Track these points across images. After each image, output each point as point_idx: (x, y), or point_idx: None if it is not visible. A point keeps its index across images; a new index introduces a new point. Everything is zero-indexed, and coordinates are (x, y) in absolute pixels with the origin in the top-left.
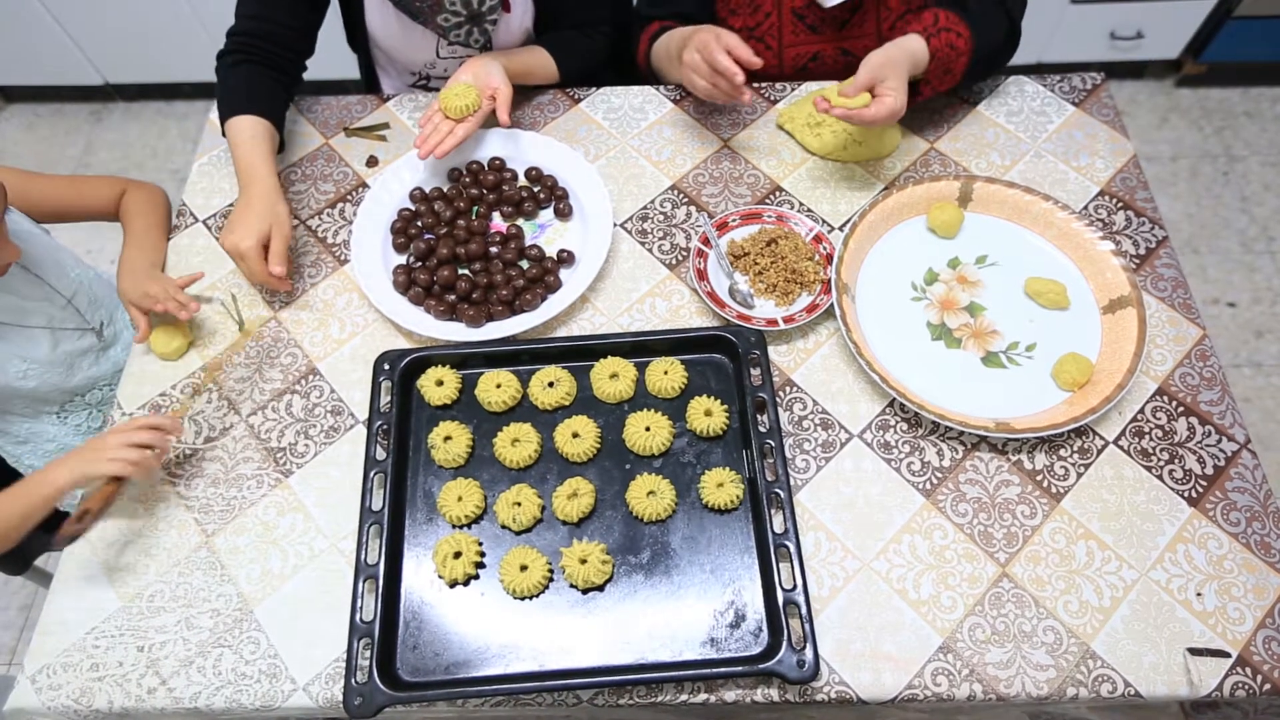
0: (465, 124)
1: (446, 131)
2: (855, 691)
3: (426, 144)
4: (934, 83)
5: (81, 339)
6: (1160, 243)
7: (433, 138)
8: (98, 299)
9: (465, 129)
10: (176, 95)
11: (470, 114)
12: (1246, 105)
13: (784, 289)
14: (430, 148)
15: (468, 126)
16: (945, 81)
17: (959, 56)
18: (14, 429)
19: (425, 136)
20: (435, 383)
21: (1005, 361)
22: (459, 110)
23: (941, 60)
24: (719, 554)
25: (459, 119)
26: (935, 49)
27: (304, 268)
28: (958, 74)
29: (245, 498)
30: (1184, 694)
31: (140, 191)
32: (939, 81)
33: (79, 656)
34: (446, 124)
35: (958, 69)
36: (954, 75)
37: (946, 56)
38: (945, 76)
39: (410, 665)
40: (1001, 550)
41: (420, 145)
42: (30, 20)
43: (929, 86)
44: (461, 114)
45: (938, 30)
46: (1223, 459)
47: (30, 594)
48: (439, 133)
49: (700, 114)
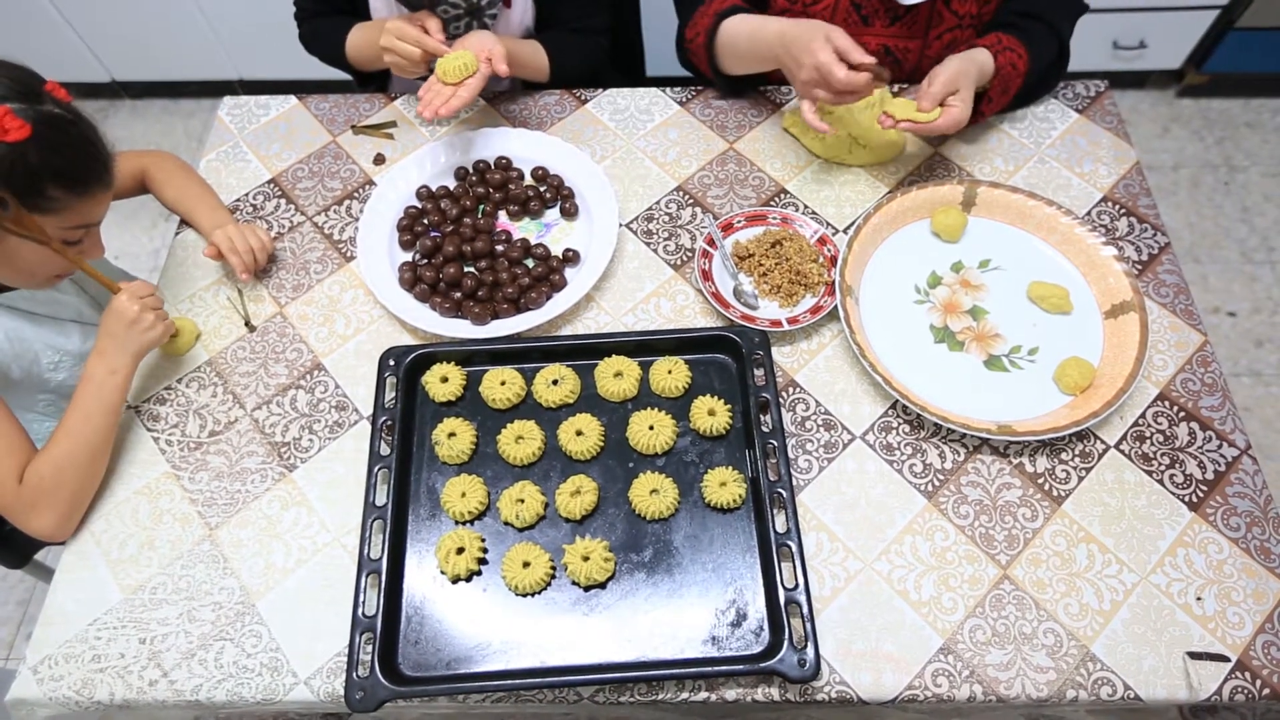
0: (465, 85)
1: (449, 94)
2: (856, 691)
3: (430, 106)
4: (995, 101)
5: None
6: (1162, 249)
7: (435, 100)
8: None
9: (467, 90)
10: (183, 93)
11: (469, 75)
12: (1248, 116)
13: (788, 290)
14: (434, 109)
15: (469, 87)
16: (1001, 101)
17: (1017, 77)
18: (34, 428)
19: (428, 100)
20: (440, 379)
21: (1008, 365)
22: (457, 72)
23: (1003, 78)
24: (721, 553)
25: (457, 82)
26: (1000, 66)
27: (310, 264)
28: (1011, 94)
29: (249, 491)
30: (1183, 698)
31: (164, 161)
32: (997, 100)
33: (81, 647)
34: (447, 89)
35: (1013, 89)
36: (1008, 95)
37: (1007, 75)
38: (1002, 96)
39: (412, 660)
40: (1002, 552)
41: (423, 110)
42: (38, 18)
43: (990, 105)
44: (459, 75)
45: (1002, 49)
46: (1223, 464)
47: (29, 588)
48: (441, 95)
49: (706, 116)
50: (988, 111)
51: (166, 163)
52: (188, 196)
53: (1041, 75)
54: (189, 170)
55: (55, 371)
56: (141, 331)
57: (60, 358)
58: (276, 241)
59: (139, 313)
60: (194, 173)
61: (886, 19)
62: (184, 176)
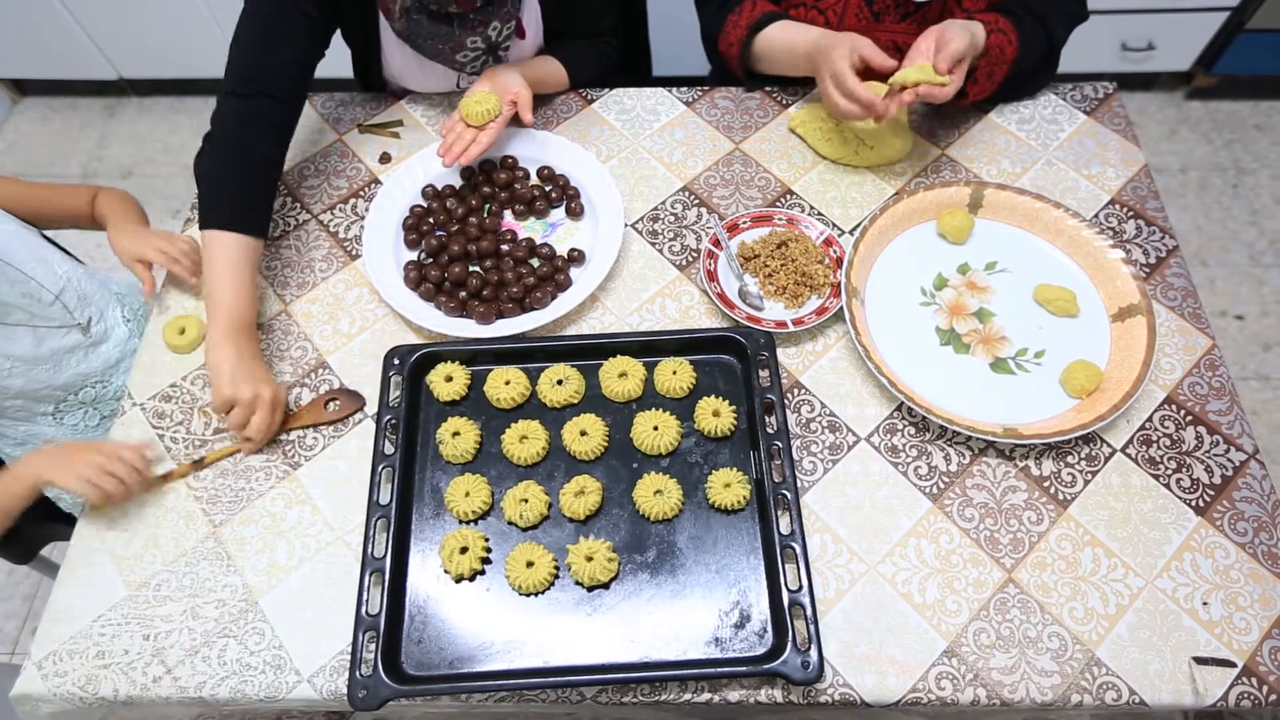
0: (488, 130)
1: (470, 139)
2: (859, 694)
3: (451, 152)
4: (980, 83)
5: (67, 336)
6: (1170, 252)
7: (456, 145)
8: (86, 296)
9: (489, 135)
10: (190, 91)
11: (492, 119)
12: (1257, 118)
13: (794, 291)
14: (455, 155)
15: (491, 133)
16: (986, 86)
17: (1003, 63)
18: (11, 432)
19: (449, 145)
20: (444, 379)
21: (1014, 368)
22: (480, 116)
23: (991, 59)
24: (725, 554)
25: (480, 125)
26: (989, 46)
27: (315, 262)
28: (996, 80)
29: (253, 489)
30: (1189, 703)
31: (114, 193)
32: (984, 83)
33: (85, 644)
34: (470, 132)
35: (999, 74)
36: (994, 81)
37: (995, 58)
38: (987, 81)
39: (415, 659)
40: (1007, 556)
41: (444, 154)
42: (46, 15)
43: (975, 86)
44: (483, 119)
45: (996, 29)
46: (1230, 469)
47: (34, 584)
48: (462, 140)
49: (712, 117)
50: (972, 94)
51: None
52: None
53: (1028, 73)
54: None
55: (10, 378)
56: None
57: (12, 364)
58: (282, 240)
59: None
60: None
61: (897, 15)
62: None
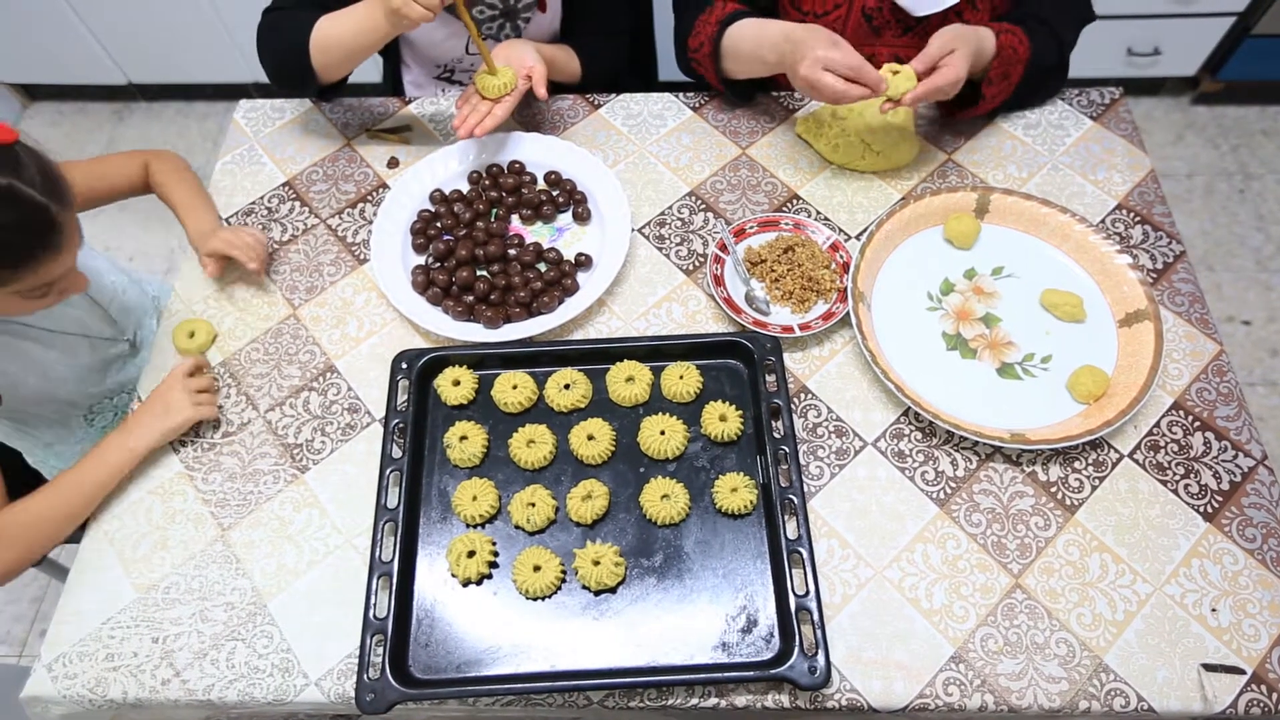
0: (503, 103)
1: (485, 112)
2: (866, 699)
3: (466, 123)
4: (996, 84)
5: (114, 346)
6: (1178, 257)
7: (471, 117)
8: (128, 307)
9: (503, 108)
10: (198, 96)
11: (507, 93)
12: (1264, 123)
13: (800, 296)
14: (470, 127)
15: (506, 105)
16: (1003, 88)
17: (1018, 63)
18: (41, 434)
19: (464, 117)
20: (452, 382)
21: (1021, 373)
22: (496, 89)
23: (1004, 59)
24: (732, 559)
25: (495, 99)
26: (1000, 46)
27: (324, 266)
28: (1014, 81)
29: (261, 493)
30: (1198, 710)
31: (165, 161)
32: (1000, 85)
33: (94, 646)
34: (485, 104)
35: (1015, 75)
36: (1010, 82)
37: (1008, 57)
38: (1003, 82)
39: (422, 663)
40: (1015, 561)
41: (459, 126)
42: (55, 19)
43: (991, 87)
44: (498, 93)
45: (1003, 30)
46: (1239, 474)
47: (43, 586)
48: (478, 112)
49: (719, 121)
50: (989, 95)
51: (167, 162)
52: (179, 198)
53: (1042, 75)
54: (187, 171)
55: (64, 386)
56: (174, 414)
57: (70, 372)
58: (290, 244)
59: (185, 393)
60: (191, 174)
61: (898, 29)
62: (179, 176)
